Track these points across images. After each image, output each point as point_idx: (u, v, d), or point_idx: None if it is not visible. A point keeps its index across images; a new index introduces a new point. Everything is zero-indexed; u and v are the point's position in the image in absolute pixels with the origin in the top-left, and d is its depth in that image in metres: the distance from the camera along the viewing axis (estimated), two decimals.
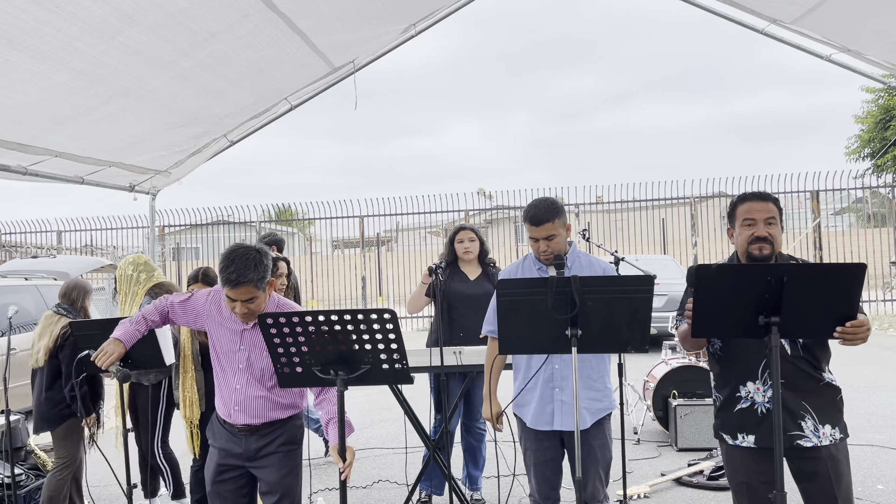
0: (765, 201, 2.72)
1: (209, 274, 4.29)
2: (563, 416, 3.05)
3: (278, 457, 2.96)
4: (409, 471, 5.36)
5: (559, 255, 3.04)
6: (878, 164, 21.56)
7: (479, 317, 4.48)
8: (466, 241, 4.60)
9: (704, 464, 5.11)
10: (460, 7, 5.79)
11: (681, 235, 17.32)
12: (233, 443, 2.98)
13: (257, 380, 2.93)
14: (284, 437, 2.99)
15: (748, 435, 2.69)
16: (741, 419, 2.71)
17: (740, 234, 2.74)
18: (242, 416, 2.95)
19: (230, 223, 18.31)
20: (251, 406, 2.94)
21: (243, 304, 2.81)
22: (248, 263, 2.75)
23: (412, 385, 2.93)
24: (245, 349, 2.94)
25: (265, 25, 4.14)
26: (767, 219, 2.70)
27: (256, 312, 2.84)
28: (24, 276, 9.19)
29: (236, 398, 2.94)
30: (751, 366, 2.68)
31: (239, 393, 2.94)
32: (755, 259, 2.69)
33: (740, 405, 2.71)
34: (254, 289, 2.78)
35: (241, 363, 2.94)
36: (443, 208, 17.34)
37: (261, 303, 2.85)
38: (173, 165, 6.04)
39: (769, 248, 2.68)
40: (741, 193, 2.80)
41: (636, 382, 7.67)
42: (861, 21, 4.67)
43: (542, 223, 3.04)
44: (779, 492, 2.33)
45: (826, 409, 2.67)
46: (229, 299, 2.81)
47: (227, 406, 2.97)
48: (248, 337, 2.94)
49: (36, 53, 3.52)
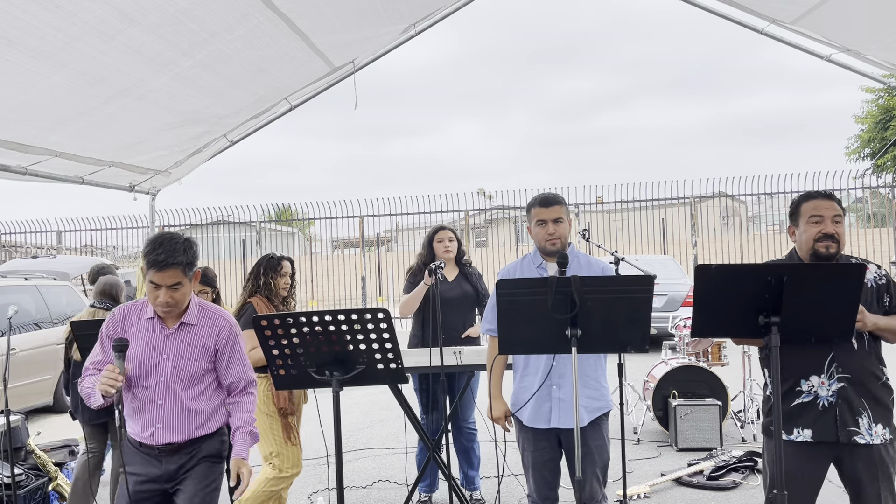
0: (831, 200, 2.70)
1: (208, 274, 4.29)
2: (561, 414, 3.05)
3: (201, 469, 2.78)
4: (409, 471, 5.36)
5: (563, 252, 3.02)
6: (878, 164, 21.56)
7: (458, 318, 4.56)
8: (447, 241, 4.55)
9: (704, 464, 5.11)
10: (460, 7, 5.78)
11: (681, 235, 17.32)
12: (151, 466, 2.75)
13: (184, 388, 2.74)
14: (207, 451, 2.80)
15: (805, 429, 2.67)
16: (799, 413, 2.69)
17: (805, 231, 2.70)
18: (166, 434, 2.73)
19: (230, 223, 18.31)
20: (175, 421, 2.74)
21: (168, 290, 2.63)
22: (176, 246, 2.63)
23: (410, 385, 2.93)
24: (169, 357, 2.74)
25: (265, 25, 4.14)
26: (834, 216, 2.68)
27: (179, 305, 2.70)
28: (24, 276, 9.19)
29: (158, 415, 2.73)
30: (815, 360, 2.67)
31: (161, 409, 2.73)
32: (821, 257, 2.66)
33: (800, 399, 2.69)
34: (181, 273, 2.64)
35: (164, 374, 2.73)
36: (443, 208, 17.34)
37: (185, 293, 2.70)
38: (173, 165, 6.04)
39: (835, 246, 2.66)
40: (805, 192, 2.78)
41: (636, 382, 7.67)
42: (861, 21, 4.67)
43: (551, 204, 3.08)
44: (779, 492, 2.33)
45: (880, 409, 2.67)
46: (153, 286, 2.63)
47: (148, 425, 2.74)
48: (172, 342, 2.76)
49: (36, 53, 3.52)
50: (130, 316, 2.80)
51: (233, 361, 2.85)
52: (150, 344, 2.74)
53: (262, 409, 3.84)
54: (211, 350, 2.80)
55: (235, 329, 2.86)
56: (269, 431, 3.85)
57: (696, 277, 2.40)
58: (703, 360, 6.51)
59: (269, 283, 4.01)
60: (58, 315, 8.71)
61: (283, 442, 3.86)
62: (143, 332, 2.76)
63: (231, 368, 2.85)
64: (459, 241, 4.69)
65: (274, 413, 3.85)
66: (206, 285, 4.25)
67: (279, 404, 3.84)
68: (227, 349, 2.82)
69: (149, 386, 2.73)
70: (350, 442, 6.47)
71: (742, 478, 4.93)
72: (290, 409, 3.89)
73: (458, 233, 4.78)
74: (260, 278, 4.02)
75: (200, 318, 2.81)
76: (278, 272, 4.05)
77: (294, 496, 4.95)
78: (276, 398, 3.83)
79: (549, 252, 3.10)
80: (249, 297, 4.00)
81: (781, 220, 19.24)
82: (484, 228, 29.11)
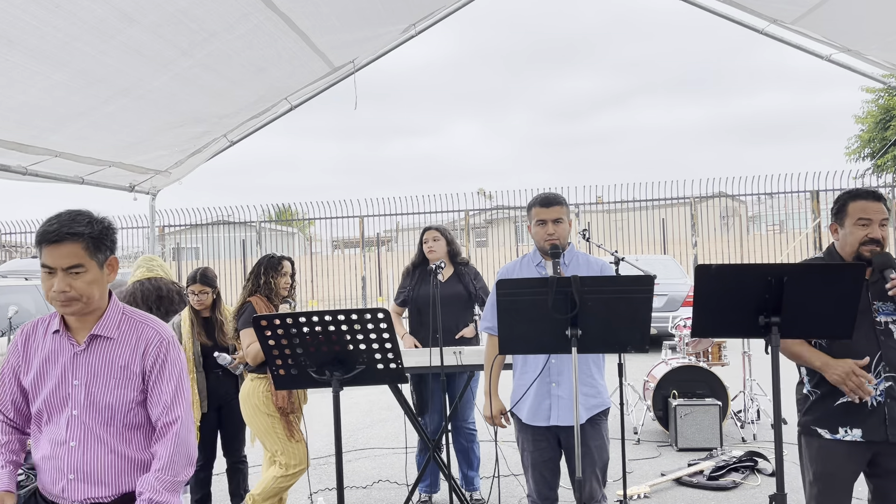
0: (879, 201, 2.67)
1: (207, 274, 4.29)
2: (560, 412, 3.05)
3: None
4: (409, 471, 5.36)
5: (556, 245, 3.02)
6: (878, 164, 21.54)
7: (450, 318, 4.56)
8: (431, 241, 4.61)
9: (704, 464, 5.11)
10: (460, 7, 5.79)
11: (681, 235, 17.33)
12: None
13: (104, 425, 2.06)
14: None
15: (853, 428, 2.65)
16: (845, 412, 2.66)
17: (852, 233, 2.68)
18: (84, 488, 2.05)
19: (230, 223, 18.32)
20: (97, 470, 2.05)
21: (65, 275, 1.96)
22: (78, 217, 2.02)
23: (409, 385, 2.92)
24: (81, 382, 2.06)
25: (265, 25, 4.14)
26: (882, 220, 2.66)
27: (83, 298, 2.01)
28: (24, 276, 9.19)
29: (71, 461, 2.03)
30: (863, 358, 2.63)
31: (74, 452, 2.04)
32: (864, 260, 2.64)
33: (845, 398, 2.65)
34: (82, 252, 1.98)
35: (77, 407, 2.05)
36: (443, 208, 17.33)
37: (92, 282, 2.01)
38: (173, 165, 6.04)
39: (880, 250, 2.65)
40: (852, 190, 2.74)
41: (636, 382, 7.66)
42: (861, 21, 4.67)
43: (552, 205, 3.08)
44: (779, 492, 2.33)
45: None
46: (46, 272, 1.98)
47: (58, 475, 2.05)
48: (83, 362, 2.07)
49: (36, 53, 3.52)
50: (36, 332, 2.14)
51: (157, 388, 2.11)
52: (55, 368, 2.07)
53: (262, 409, 3.86)
54: (137, 372, 2.09)
55: (167, 343, 2.14)
56: (271, 431, 3.87)
57: (696, 277, 2.40)
58: (703, 360, 6.51)
59: (270, 283, 4.02)
60: None
61: (287, 439, 3.89)
62: (45, 349, 2.10)
63: (153, 396, 2.11)
64: (451, 241, 4.70)
65: (275, 413, 3.87)
66: (207, 285, 4.25)
67: (278, 403, 3.85)
68: (154, 370, 2.11)
69: (59, 423, 2.06)
70: (350, 442, 6.47)
71: (742, 478, 4.93)
72: (290, 407, 3.90)
73: (455, 232, 4.80)
74: (260, 277, 4.03)
75: (122, 330, 2.12)
76: (279, 272, 4.06)
77: (294, 496, 4.95)
78: (276, 397, 3.85)
79: (548, 252, 3.10)
80: (249, 297, 4.01)
81: (781, 220, 19.24)
82: (484, 228, 29.10)
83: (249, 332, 3.81)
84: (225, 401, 4.28)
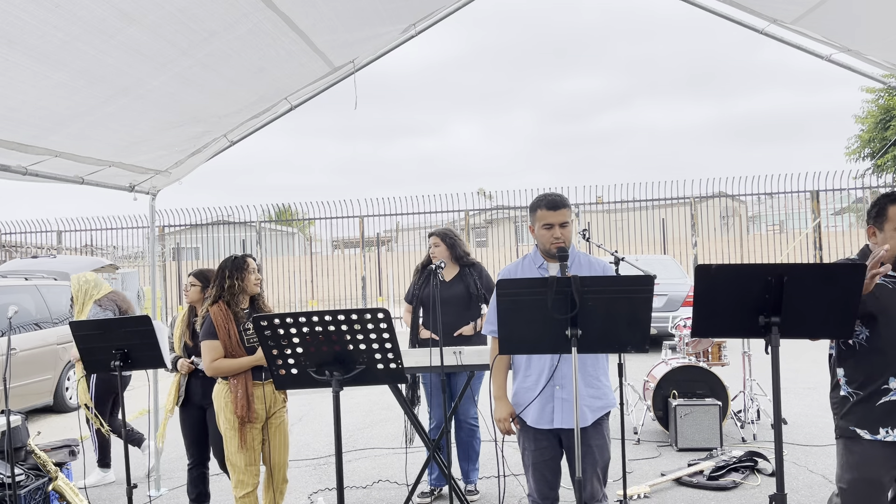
0: None
1: (207, 275, 4.30)
2: (564, 414, 3.04)
3: None
4: (409, 471, 5.36)
5: (564, 249, 3.01)
6: (878, 164, 21.54)
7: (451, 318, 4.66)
8: (432, 247, 4.86)
9: (704, 464, 5.11)
10: (461, 7, 5.78)
11: (681, 235, 17.32)
12: None
13: None
14: None
15: (894, 429, 2.64)
16: (887, 413, 2.66)
17: (892, 238, 2.66)
18: None
19: (230, 223, 18.31)
20: None
21: None
22: None
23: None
24: None
25: (265, 25, 4.13)
26: None
27: None
28: (24, 276, 9.20)
29: None
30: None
31: None
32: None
33: (888, 398, 2.65)
34: None
35: None
36: (443, 208, 17.34)
37: None
38: (173, 165, 6.04)
39: None
40: (890, 193, 2.71)
41: (636, 382, 7.66)
42: (861, 21, 4.67)
43: (559, 207, 3.04)
44: (779, 492, 2.33)
45: None
46: None
47: None
48: None
49: (36, 53, 3.52)
50: None
51: None
52: None
53: (222, 413, 3.76)
54: None
55: None
56: (225, 436, 3.75)
57: (696, 277, 2.40)
58: (703, 360, 6.51)
59: (235, 285, 3.81)
60: (58, 315, 8.72)
61: (237, 450, 3.72)
62: None
63: None
64: (451, 245, 4.78)
65: (232, 419, 3.71)
66: (198, 280, 4.30)
67: (237, 412, 3.68)
68: None
69: None
70: (350, 442, 6.46)
71: (742, 478, 4.93)
72: (248, 416, 3.71)
73: (457, 233, 4.90)
74: (226, 281, 3.82)
75: None
76: (246, 270, 3.88)
77: (294, 496, 4.95)
78: (236, 406, 3.68)
79: (552, 255, 3.09)
80: (213, 304, 3.82)
81: (781, 220, 19.24)
82: (484, 228, 29.11)
83: (209, 345, 3.68)
84: (209, 402, 4.28)
